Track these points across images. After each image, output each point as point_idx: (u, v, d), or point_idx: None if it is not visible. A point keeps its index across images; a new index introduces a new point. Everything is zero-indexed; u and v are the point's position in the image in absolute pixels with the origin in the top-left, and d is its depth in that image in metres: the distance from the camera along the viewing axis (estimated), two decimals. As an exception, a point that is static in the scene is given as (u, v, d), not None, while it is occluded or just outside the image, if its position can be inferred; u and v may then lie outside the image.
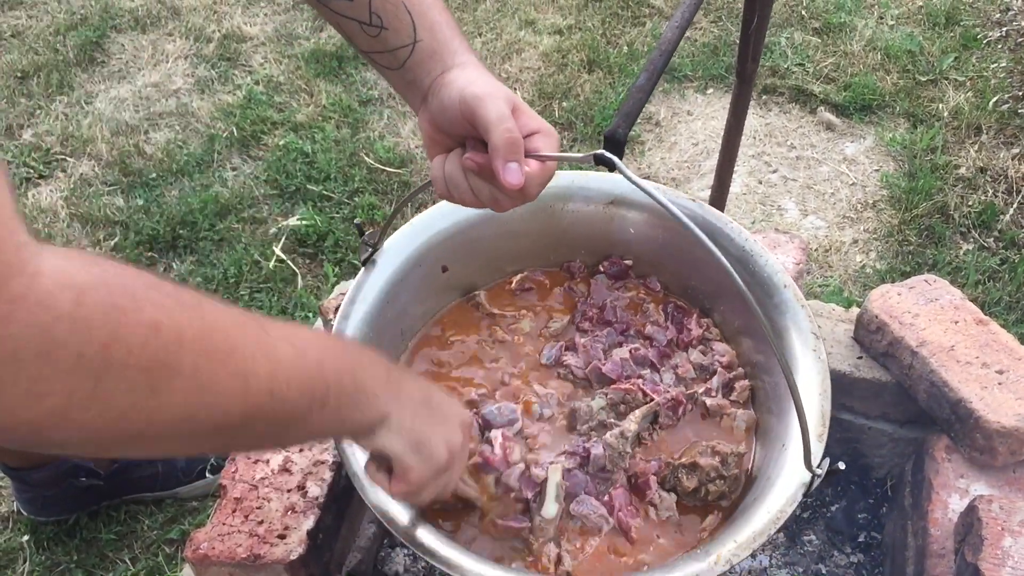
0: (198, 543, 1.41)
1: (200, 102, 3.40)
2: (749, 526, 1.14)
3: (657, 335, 1.52)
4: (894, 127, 3.23)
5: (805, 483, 1.15)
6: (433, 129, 1.16)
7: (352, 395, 0.91)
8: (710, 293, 1.55)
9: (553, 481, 1.28)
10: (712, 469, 1.30)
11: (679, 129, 3.30)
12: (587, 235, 1.61)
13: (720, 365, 1.47)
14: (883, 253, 2.77)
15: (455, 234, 1.54)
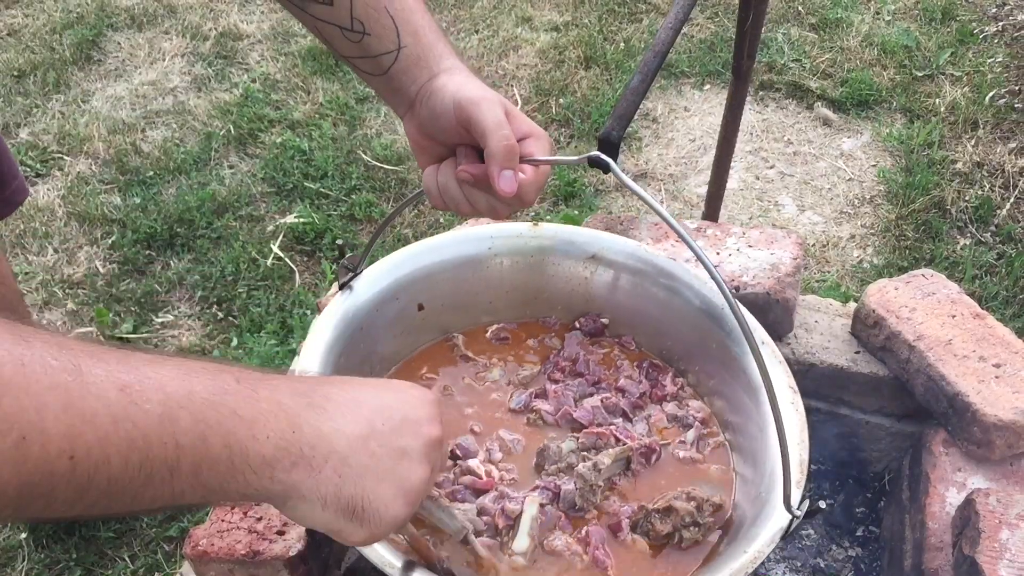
0: (197, 540, 1.41)
1: (197, 100, 3.40)
2: (727, 566, 1.12)
3: (630, 388, 1.51)
4: (891, 122, 3.23)
5: (783, 527, 1.14)
6: (422, 136, 1.15)
7: (225, 462, 0.69)
8: (684, 354, 1.54)
9: (528, 514, 1.25)
10: (687, 514, 1.28)
11: (676, 125, 3.30)
12: (565, 291, 1.60)
13: (696, 420, 1.47)
14: (880, 248, 2.77)
15: (435, 273, 1.52)
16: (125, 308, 2.60)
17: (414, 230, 2.85)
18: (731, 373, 1.43)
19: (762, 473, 1.27)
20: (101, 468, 0.61)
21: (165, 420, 0.64)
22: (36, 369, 0.59)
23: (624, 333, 1.61)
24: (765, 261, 1.81)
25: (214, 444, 0.67)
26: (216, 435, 0.68)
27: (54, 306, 2.61)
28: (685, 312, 1.50)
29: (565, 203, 2.93)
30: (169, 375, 0.67)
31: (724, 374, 1.45)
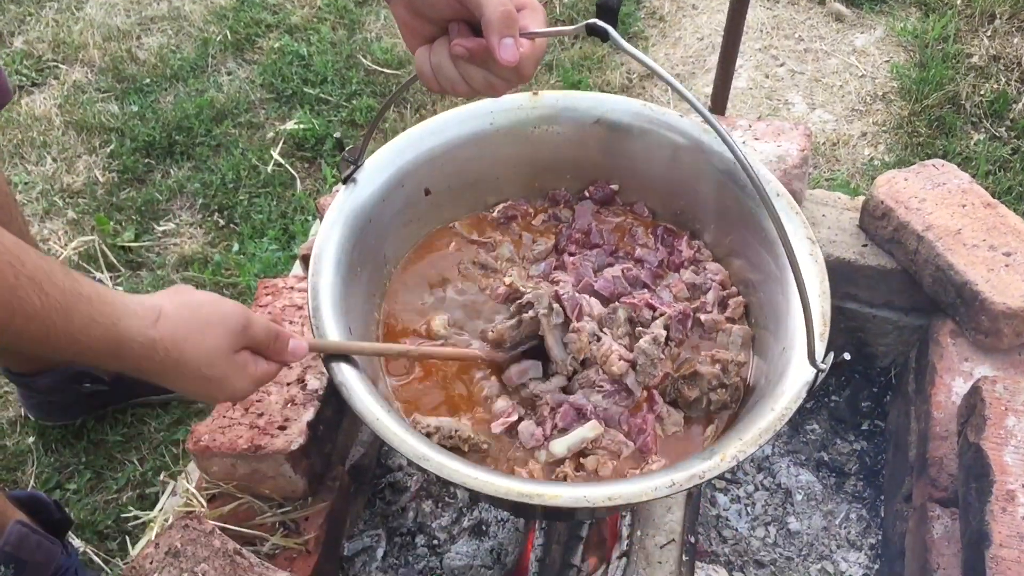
0: (199, 435, 1.41)
1: (192, 5, 3.32)
2: (754, 425, 1.12)
3: (648, 257, 1.48)
4: (905, 17, 3.14)
5: (809, 381, 1.13)
6: (411, 15, 1.09)
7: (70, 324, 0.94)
8: (699, 215, 1.50)
9: (581, 435, 1.25)
10: (713, 377, 1.28)
11: (683, 24, 3.22)
12: (572, 159, 1.55)
13: (714, 283, 1.43)
14: (892, 145, 2.71)
15: (439, 155, 1.48)
16: (126, 217, 2.58)
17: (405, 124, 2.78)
18: (748, 229, 1.40)
19: (783, 333, 1.26)
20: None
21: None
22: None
23: (635, 199, 1.56)
24: (771, 153, 1.77)
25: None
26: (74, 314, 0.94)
27: (55, 215, 2.59)
28: (697, 170, 1.46)
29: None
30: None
31: (741, 231, 1.42)
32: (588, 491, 1.06)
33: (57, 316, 0.91)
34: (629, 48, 0.94)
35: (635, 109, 1.51)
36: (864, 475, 1.77)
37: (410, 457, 1.09)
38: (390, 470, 1.74)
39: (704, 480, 1.07)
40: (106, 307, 0.97)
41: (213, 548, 1.27)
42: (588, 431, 1.25)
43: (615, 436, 1.26)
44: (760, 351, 1.36)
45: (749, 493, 1.73)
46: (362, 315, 1.34)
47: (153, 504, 1.91)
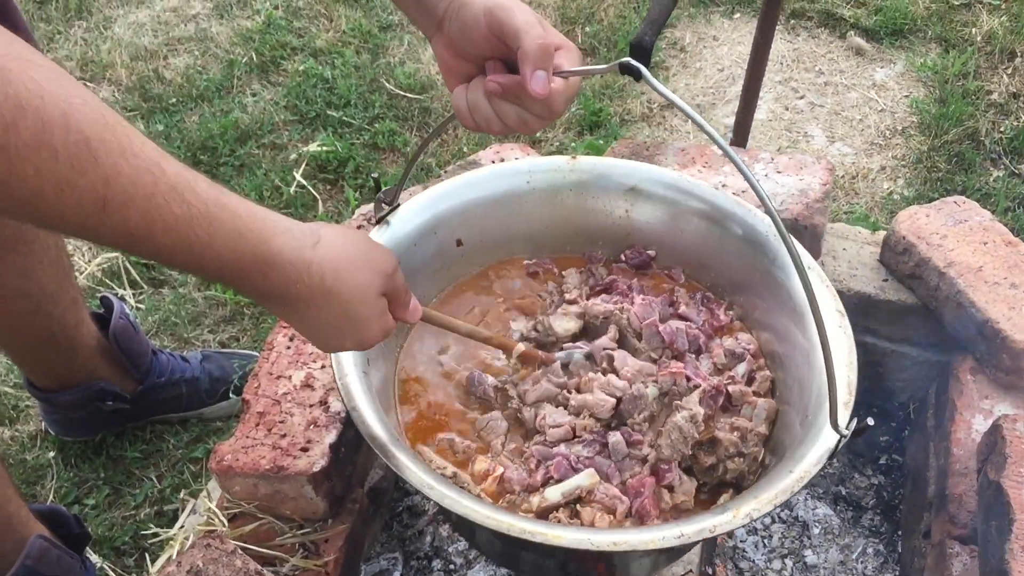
0: (222, 455, 1.43)
1: (219, 27, 3.37)
2: (772, 486, 1.11)
3: (692, 316, 1.47)
4: (925, 52, 3.16)
5: (831, 447, 1.12)
6: (451, 55, 1.13)
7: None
8: (729, 285, 1.52)
9: (576, 483, 1.23)
10: (731, 445, 1.27)
11: (704, 54, 3.24)
12: (606, 225, 1.57)
13: (748, 353, 1.43)
14: (911, 180, 2.72)
15: (473, 208, 1.51)
16: (149, 234, 2.61)
17: (437, 159, 2.83)
18: (777, 301, 1.40)
19: (808, 399, 1.25)
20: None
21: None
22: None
23: (671, 266, 1.57)
24: (794, 187, 1.78)
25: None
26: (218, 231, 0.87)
27: (79, 232, 2.61)
28: (728, 241, 1.48)
29: (590, 132, 2.89)
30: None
31: (770, 303, 1.42)
32: (593, 535, 1.05)
33: (200, 228, 0.85)
34: (662, 89, 0.96)
35: (669, 180, 1.53)
36: (881, 510, 1.77)
37: (416, 485, 1.09)
38: (407, 493, 1.75)
39: (713, 535, 1.06)
40: (257, 223, 0.91)
41: (235, 568, 1.28)
42: (583, 479, 1.24)
43: (609, 490, 1.24)
44: (782, 425, 1.35)
45: (766, 525, 1.73)
46: (381, 354, 1.35)
47: (171, 521, 1.93)
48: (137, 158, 0.78)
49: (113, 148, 0.76)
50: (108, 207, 0.77)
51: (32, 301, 1.75)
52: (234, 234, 0.88)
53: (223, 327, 2.37)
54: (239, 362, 2.17)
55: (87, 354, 1.93)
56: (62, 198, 0.74)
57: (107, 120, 0.76)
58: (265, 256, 0.91)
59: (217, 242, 0.87)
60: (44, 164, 0.71)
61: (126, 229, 0.80)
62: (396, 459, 1.12)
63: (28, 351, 1.90)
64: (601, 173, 1.55)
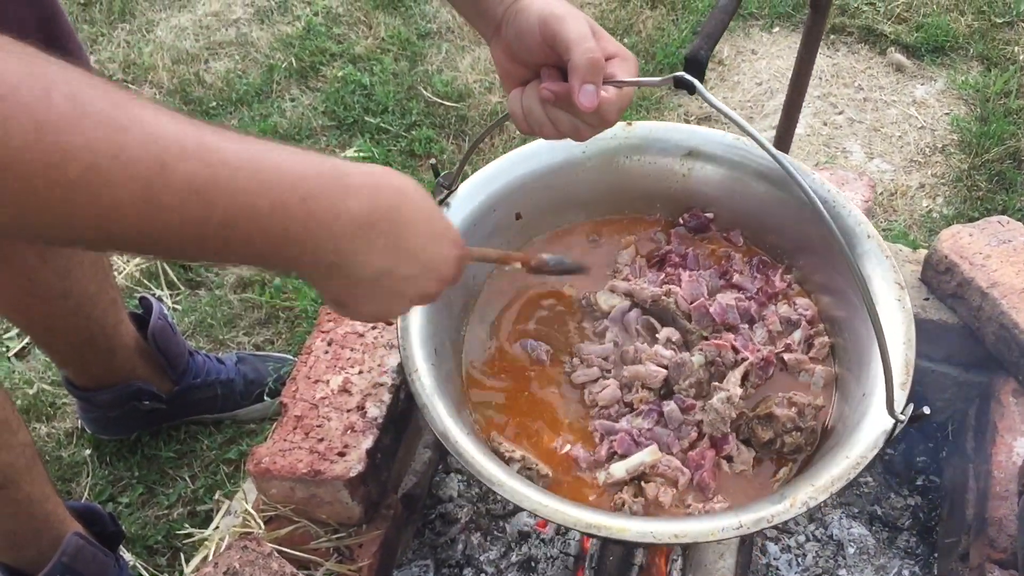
0: (260, 458, 1.44)
1: (259, 32, 3.40)
2: (827, 471, 1.11)
3: (747, 284, 1.48)
4: (967, 70, 3.13)
5: (887, 430, 1.11)
6: (508, 60, 1.14)
7: (264, 255, 0.80)
8: (789, 249, 1.51)
9: (640, 459, 1.26)
10: (788, 420, 1.27)
11: (743, 68, 3.23)
12: (663, 189, 1.57)
13: (804, 319, 1.43)
14: (951, 198, 2.70)
15: (529, 182, 1.52)
16: (187, 236, 2.63)
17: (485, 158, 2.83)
18: (837, 268, 1.39)
19: (866, 377, 1.25)
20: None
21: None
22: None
23: (730, 227, 1.56)
24: (835, 203, 1.76)
25: (267, 213, 0.76)
26: (276, 211, 0.77)
27: (118, 232, 2.64)
28: (789, 206, 1.46)
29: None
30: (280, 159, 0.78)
31: (830, 269, 1.41)
32: (655, 526, 1.07)
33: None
34: (717, 103, 0.95)
35: (728, 142, 1.52)
36: (918, 531, 1.75)
37: (484, 481, 1.11)
38: (441, 501, 1.75)
39: (772, 524, 1.07)
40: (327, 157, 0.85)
41: (271, 571, 1.29)
42: (647, 455, 1.26)
43: (671, 462, 1.26)
44: (842, 393, 1.35)
45: (800, 543, 1.71)
46: (448, 330, 1.38)
47: (203, 522, 1.94)
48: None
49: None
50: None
51: (72, 302, 1.77)
52: (312, 155, 0.82)
53: (258, 330, 2.39)
54: (273, 365, 2.19)
55: (125, 354, 1.95)
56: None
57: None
58: (342, 168, 0.84)
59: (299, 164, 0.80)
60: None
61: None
62: (466, 455, 1.14)
63: (68, 351, 1.92)
64: (659, 136, 1.55)
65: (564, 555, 1.61)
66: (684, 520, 1.15)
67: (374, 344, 1.60)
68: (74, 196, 0.64)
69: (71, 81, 0.64)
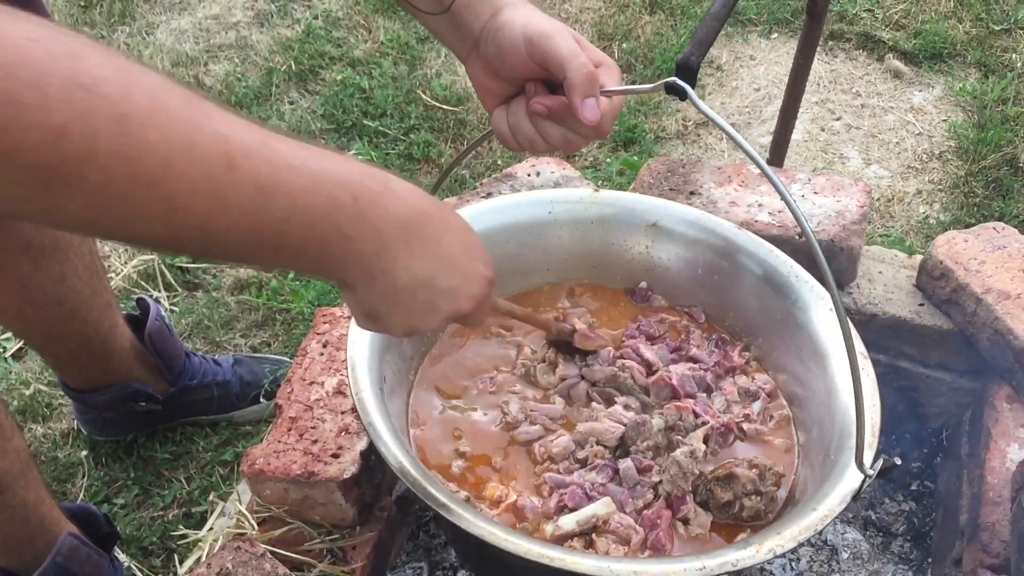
0: (254, 459, 1.44)
1: (259, 35, 3.41)
2: (795, 523, 1.11)
3: (704, 358, 1.48)
4: (964, 76, 3.14)
5: (855, 487, 1.12)
6: (488, 77, 1.12)
7: (315, 255, 0.81)
8: (747, 326, 1.52)
9: (591, 511, 1.22)
10: (749, 481, 1.25)
11: (741, 74, 3.24)
12: (625, 260, 1.58)
13: (763, 392, 1.43)
14: (948, 204, 2.70)
15: (495, 235, 1.48)
16: (185, 238, 2.63)
17: (472, 171, 2.84)
18: (796, 342, 1.41)
19: (829, 440, 1.25)
20: (223, 241, 0.73)
21: (290, 218, 0.75)
22: (206, 161, 0.68)
23: (691, 305, 1.57)
24: (831, 208, 1.77)
25: (314, 242, 0.79)
26: (322, 235, 0.79)
27: (116, 234, 2.65)
28: (748, 282, 1.48)
29: (624, 148, 2.89)
30: (321, 166, 0.78)
31: (788, 344, 1.43)
32: (614, 564, 1.04)
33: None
34: (706, 109, 0.96)
35: (691, 218, 1.54)
36: (912, 536, 1.75)
37: (433, 506, 1.10)
38: (435, 503, 1.75)
39: (736, 569, 1.05)
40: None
41: (264, 572, 1.29)
42: (600, 507, 1.23)
43: (624, 519, 1.23)
44: (804, 459, 1.35)
45: (794, 548, 1.71)
46: (398, 372, 1.36)
47: (198, 523, 1.94)
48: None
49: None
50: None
51: (67, 307, 1.77)
52: (355, 167, 0.84)
53: (255, 332, 2.39)
54: (270, 367, 2.19)
55: (121, 356, 1.96)
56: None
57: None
58: (387, 174, 0.86)
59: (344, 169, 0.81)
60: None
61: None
62: (416, 480, 1.12)
63: (63, 355, 1.92)
64: (623, 207, 1.56)
65: (558, 558, 1.61)
66: (643, 561, 1.14)
67: (369, 346, 1.60)
68: (148, 190, 0.66)
69: (151, 80, 0.66)
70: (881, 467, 1.10)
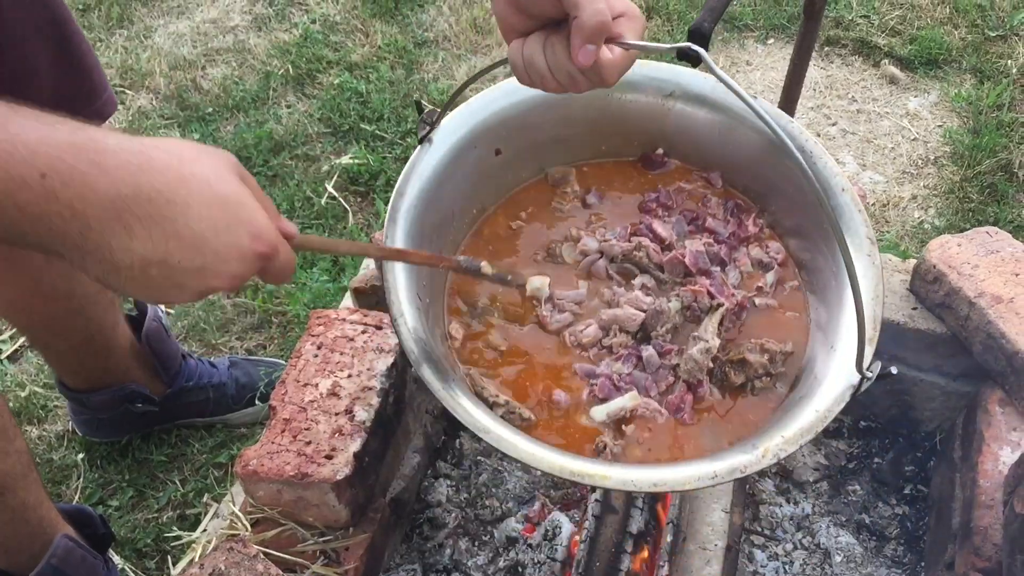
0: (248, 460, 1.44)
1: (257, 39, 3.41)
2: (796, 422, 1.14)
3: (719, 229, 1.48)
4: (960, 83, 3.14)
5: (854, 385, 1.14)
6: (511, 10, 1.11)
7: (12, 232, 0.76)
8: (762, 192, 1.51)
9: (620, 404, 1.28)
10: (760, 367, 1.30)
11: (737, 79, 3.24)
12: (643, 127, 1.55)
13: (776, 262, 1.44)
14: (942, 210, 2.71)
15: (511, 117, 1.49)
16: (182, 241, 2.64)
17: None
18: (810, 216, 1.40)
19: (835, 324, 1.27)
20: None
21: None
22: None
23: (709, 168, 1.56)
24: (824, 212, 1.77)
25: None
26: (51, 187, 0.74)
27: (113, 236, 2.65)
28: (766, 153, 1.46)
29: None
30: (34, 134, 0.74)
31: (803, 215, 1.42)
32: (635, 475, 1.10)
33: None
34: (719, 72, 0.94)
35: (709, 85, 1.50)
36: (905, 540, 1.76)
37: (472, 429, 1.12)
38: (429, 505, 1.75)
39: (745, 474, 1.10)
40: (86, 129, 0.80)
41: (256, 572, 1.29)
42: (627, 400, 1.28)
43: (650, 404, 1.29)
44: (814, 331, 1.37)
45: (788, 551, 1.72)
46: (428, 275, 1.37)
47: (193, 525, 1.94)
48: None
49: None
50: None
51: (75, 302, 1.78)
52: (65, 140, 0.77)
53: (250, 335, 2.39)
54: (265, 369, 2.19)
55: (121, 355, 1.96)
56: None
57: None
58: (101, 143, 0.78)
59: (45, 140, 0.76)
60: None
61: None
62: (453, 401, 1.14)
63: (65, 352, 1.93)
64: (642, 75, 1.51)
65: (551, 560, 1.61)
66: (660, 468, 1.17)
67: (364, 348, 1.61)
68: None
69: None
70: (880, 372, 1.11)
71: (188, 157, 0.83)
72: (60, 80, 1.46)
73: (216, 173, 0.84)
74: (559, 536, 1.63)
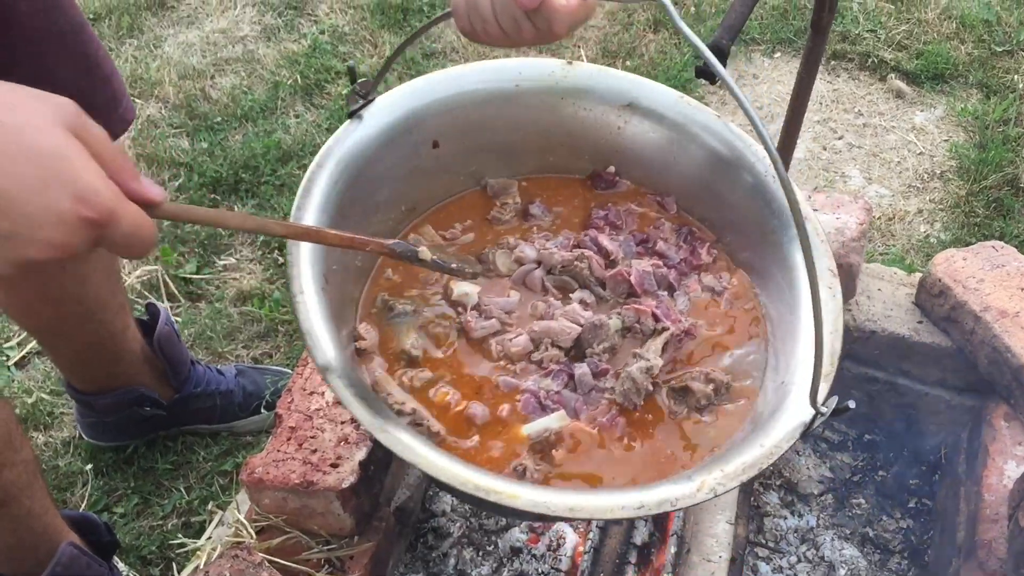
0: (253, 467, 1.44)
1: (266, 49, 3.43)
2: (739, 458, 1.04)
3: (669, 253, 1.38)
4: (966, 97, 3.15)
5: (805, 422, 1.04)
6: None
7: None
8: (718, 222, 1.41)
9: (545, 424, 1.16)
10: (704, 397, 1.21)
11: (744, 92, 3.25)
12: (595, 140, 1.43)
13: (728, 292, 1.35)
14: (948, 224, 2.71)
15: (454, 107, 1.35)
16: (189, 249, 2.65)
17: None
18: (767, 247, 1.30)
19: (787, 361, 1.18)
20: None
21: None
22: None
23: (664, 192, 1.45)
24: (830, 225, 1.78)
25: None
26: None
27: (121, 244, 2.66)
28: (725, 177, 1.36)
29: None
30: None
31: (759, 248, 1.33)
32: (549, 497, 0.98)
33: None
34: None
35: (671, 100, 1.39)
36: (909, 554, 1.75)
37: (369, 430, 1.00)
38: (433, 515, 1.75)
39: (675, 508, 1.00)
40: None
41: (261, 579, 1.29)
42: (554, 421, 1.16)
43: (579, 427, 1.18)
44: (766, 369, 1.26)
45: (792, 564, 1.71)
46: (340, 260, 1.20)
47: (197, 533, 1.95)
48: None
49: None
50: None
51: (85, 306, 1.79)
52: None
53: (257, 343, 2.40)
54: (272, 378, 2.20)
55: (130, 359, 1.97)
56: None
57: None
58: None
59: None
60: None
61: None
62: (355, 406, 1.02)
63: (74, 356, 1.94)
64: (599, 82, 1.41)
65: (555, 571, 1.61)
66: (582, 493, 1.06)
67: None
68: None
69: None
70: (835, 407, 1.01)
71: (4, 103, 0.71)
72: (80, 88, 1.47)
73: (34, 123, 0.71)
74: (563, 547, 1.63)
